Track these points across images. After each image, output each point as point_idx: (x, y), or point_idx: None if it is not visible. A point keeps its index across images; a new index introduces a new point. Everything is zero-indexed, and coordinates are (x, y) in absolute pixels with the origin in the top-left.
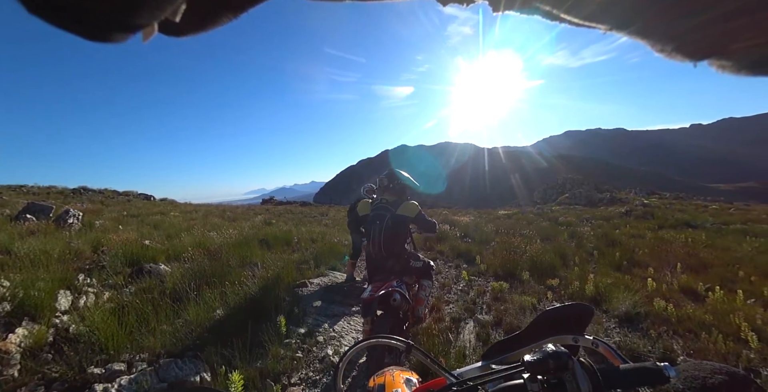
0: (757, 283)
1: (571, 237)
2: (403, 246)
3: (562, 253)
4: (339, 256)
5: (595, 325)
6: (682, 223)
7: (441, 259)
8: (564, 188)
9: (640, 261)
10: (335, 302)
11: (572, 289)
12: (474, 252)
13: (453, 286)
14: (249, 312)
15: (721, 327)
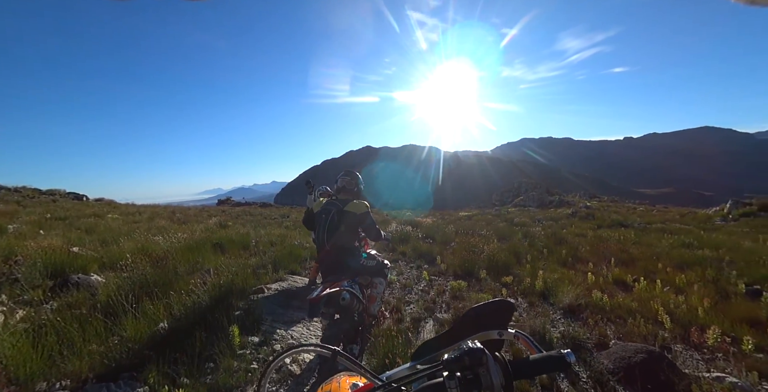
0: (671, 273)
1: (525, 236)
2: (351, 242)
3: (516, 252)
4: (300, 259)
5: (543, 317)
6: (616, 223)
7: (403, 260)
8: (519, 191)
9: (583, 257)
10: (294, 307)
11: (524, 285)
12: (435, 252)
13: (414, 286)
14: (198, 323)
15: (643, 312)
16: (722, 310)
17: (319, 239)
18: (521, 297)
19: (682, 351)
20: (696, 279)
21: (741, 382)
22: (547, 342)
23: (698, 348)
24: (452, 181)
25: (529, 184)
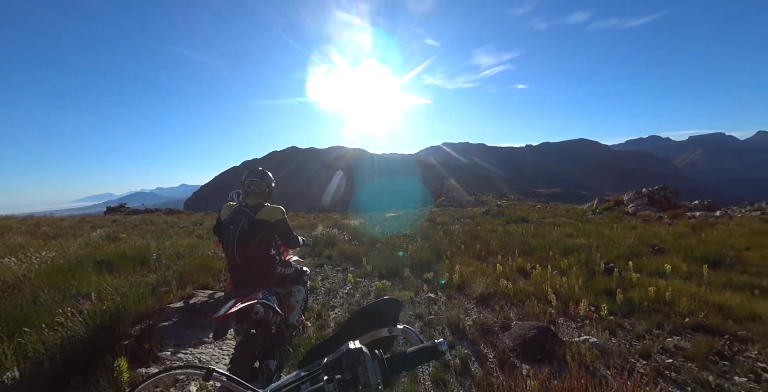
0: (558, 259)
1: (446, 234)
2: (266, 253)
3: (437, 249)
4: (214, 272)
5: (457, 308)
6: (520, 219)
7: (329, 264)
8: (441, 192)
9: (494, 250)
10: (204, 326)
11: (444, 280)
12: (361, 254)
13: (339, 290)
14: (71, 364)
15: (537, 294)
16: (590, 286)
17: (229, 251)
18: (440, 291)
19: (563, 323)
20: (574, 262)
21: (598, 341)
22: (461, 331)
23: (574, 319)
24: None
25: (450, 185)
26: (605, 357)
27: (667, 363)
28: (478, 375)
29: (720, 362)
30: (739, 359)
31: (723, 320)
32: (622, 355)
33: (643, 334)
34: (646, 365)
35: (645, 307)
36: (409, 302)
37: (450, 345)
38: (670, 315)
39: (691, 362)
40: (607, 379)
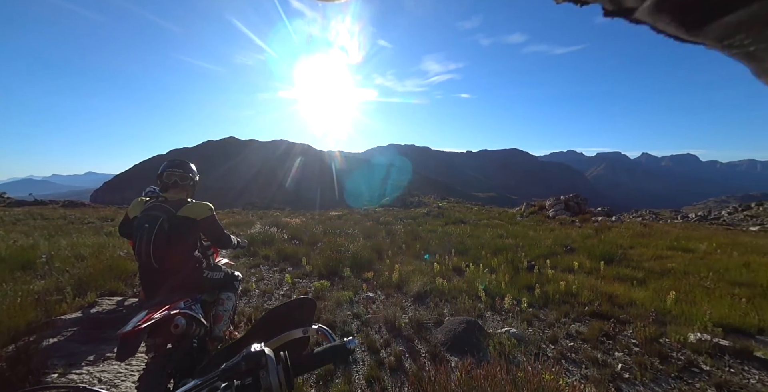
0: (490, 258)
1: (388, 234)
2: (189, 256)
3: (378, 249)
4: (125, 275)
5: (395, 306)
6: (458, 221)
7: (266, 265)
8: (386, 192)
9: (432, 250)
10: (108, 340)
11: (383, 279)
12: (301, 253)
13: (275, 292)
14: None
15: (469, 291)
16: (515, 281)
17: (143, 254)
18: (380, 290)
19: (490, 316)
20: (503, 261)
21: (517, 331)
22: (397, 328)
23: (500, 312)
24: (325, 181)
25: (394, 186)
26: (522, 345)
27: (569, 346)
28: (411, 370)
29: (606, 341)
30: (619, 337)
31: (611, 307)
32: (535, 342)
33: (554, 323)
34: (554, 349)
35: (557, 299)
36: (348, 302)
37: (385, 343)
38: (574, 305)
39: (586, 343)
40: (521, 364)
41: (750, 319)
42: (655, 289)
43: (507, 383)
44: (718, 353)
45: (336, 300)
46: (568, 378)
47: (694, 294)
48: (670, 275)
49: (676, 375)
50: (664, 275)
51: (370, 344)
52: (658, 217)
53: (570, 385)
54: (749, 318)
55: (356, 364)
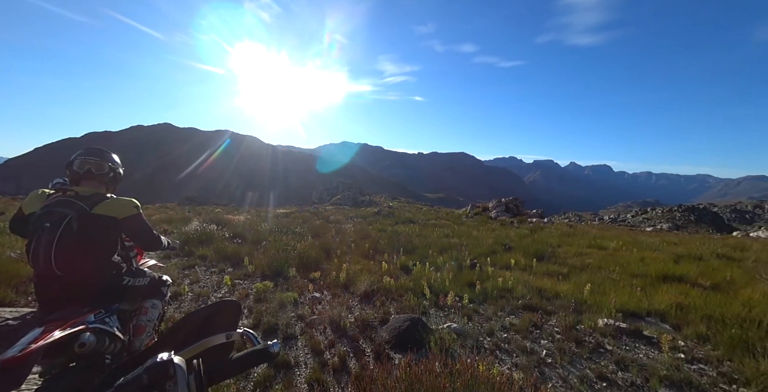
0: (436, 256)
1: (337, 233)
2: (105, 262)
3: (327, 248)
4: (17, 281)
5: (341, 306)
6: (408, 220)
7: (203, 265)
8: (337, 190)
9: (382, 249)
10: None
11: (331, 279)
12: (243, 253)
13: (212, 295)
14: None
15: (415, 289)
16: (458, 279)
17: (40, 260)
18: (326, 290)
19: (434, 313)
20: (448, 259)
21: (458, 326)
22: (342, 329)
23: (443, 309)
24: (273, 177)
25: (346, 184)
26: (462, 339)
27: (503, 337)
28: (354, 371)
29: (535, 331)
30: (545, 327)
31: (540, 300)
32: (474, 336)
33: (491, 317)
34: (490, 341)
35: (495, 295)
36: (293, 303)
37: (330, 344)
38: (510, 299)
39: (518, 334)
40: (460, 357)
41: (642, 304)
42: (575, 283)
43: (444, 376)
44: (618, 334)
45: (279, 301)
46: (501, 367)
47: (604, 285)
48: (588, 270)
49: (587, 356)
50: (583, 270)
51: (314, 346)
52: (581, 219)
53: (501, 373)
54: (642, 303)
55: (299, 367)
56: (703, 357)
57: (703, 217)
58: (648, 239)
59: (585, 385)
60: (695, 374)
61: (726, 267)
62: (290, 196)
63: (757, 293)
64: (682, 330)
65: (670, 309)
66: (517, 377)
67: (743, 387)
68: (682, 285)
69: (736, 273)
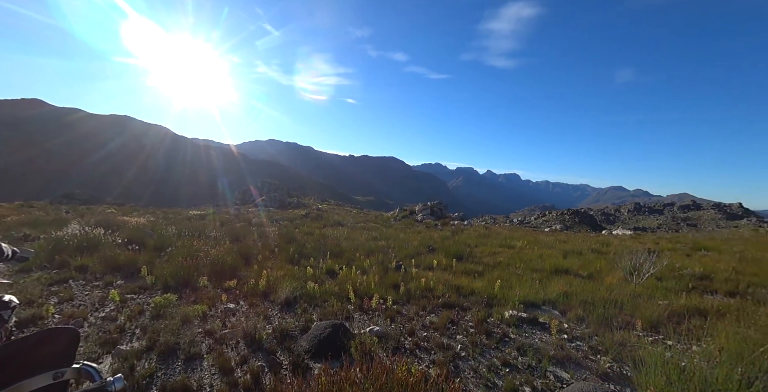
0: (363, 259)
1: (260, 237)
2: None
3: (247, 253)
4: None
5: (257, 317)
6: (337, 223)
7: (81, 279)
8: (262, 191)
9: (308, 253)
10: None
11: (248, 287)
12: (141, 262)
13: (92, 315)
14: None
15: (340, 293)
16: (384, 281)
17: None
18: (243, 299)
19: (358, 317)
20: (374, 261)
21: (380, 328)
22: (257, 342)
23: (367, 312)
24: (187, 174)
25: (272, 184)
26: (384, 342)
27: (423, 336)
28: (268, 386)
29: (452, 327)
30: (461, 323)
31: (458, 297)
32: (396, 337)
33: (413, 317)
34: (411, 340)
35: (417, 295)
36: (201, 317)
37: (242, 360)
38: (431, 298)
39: (437, 332)
40: (376, 361)
41: (539, 295)
42: (488, 279)
43: (366, 381)
44: (520, 323)
45: (184, 316)
46: (419, 365)
47: (511, 280)
48: (499, 267)
49: (495, 346)
50: (495, 267)
51: (223, 364)
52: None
53: (416, 373)
54: (539, 294)
55: (201, 391)
56: (579, 335)
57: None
58: (546, 238)
59: (492, 373)
60: (573, 350)
61: (597, 259)
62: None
63: (615, 279)
64: (567, 314)
65: (559, 297)
66: (434, 373)
67: (604, 356)
68: (568, 277)
69: (603, 264)
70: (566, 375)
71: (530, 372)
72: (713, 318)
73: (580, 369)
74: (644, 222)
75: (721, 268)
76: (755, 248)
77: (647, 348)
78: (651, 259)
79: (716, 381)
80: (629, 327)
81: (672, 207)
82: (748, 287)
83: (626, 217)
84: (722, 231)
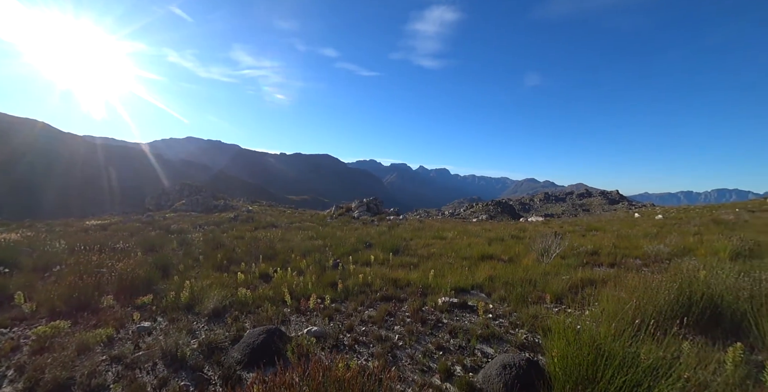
0: (299, 260)
1: (181, 245)
2: None
3: (165, 264)
4: None
5: (181, 332)
6: (270, 224)
7: None
8: (182, 194)
9: (238, 258)
10: None
11: (168, 301)
12: (15, 285)
13: None
14: None
15: (275, 297)
16: (321, 280)
17: None
18: (161, 315)
19: (295, 320)
20: (311, 262)
21: (318, 328)
22: (180, 360)
23: (305, 313)
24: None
25: (194, 187)
26: (322, 341)
27: (362, 331)
28: None
29: (390, 319)
30: (398, 314)
31: (395, 289)
32: (334, 335)
33: (352, 313)
34: (350, 337)
35: (356, 291)
36: (104, 343)
37: (161, 382)
38: (369, 293)
39: (375, 325)
40: (313, 361)
41: (468, 280)
42: (423, 270)
43: (303, 382)
44: (452, 308)
45: (80, 345)
46: (358, 359)
47: (444, 269)
48: (433, 258)
49: (430, 332)
50: (429, 258)
51: (136, 391)
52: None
53: (358, 366)
54: (468, 280)
55: None
56: (502, 313)
57: (505, 209)
58: (473, 228)
59: (427, 358)
60: (497, 327)
61: (516, 244)
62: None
63: (530, 260)
64: (492, 295)
65: (485, 281)
66: (372, 365)
67: (521, 329)
68: (493, 262)
69: (521, 248)
70: (491, 350)
71: (461, 352)
72: (600, 286)
73: (503, 343)
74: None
75: (605, 245)
76: (627, 227)
77: (553, 318)
78: (557, 241)
79: (600, 337)
80: (541, 302)
81: (572, 196)
82: (622, 258)
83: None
84: (606, 214)
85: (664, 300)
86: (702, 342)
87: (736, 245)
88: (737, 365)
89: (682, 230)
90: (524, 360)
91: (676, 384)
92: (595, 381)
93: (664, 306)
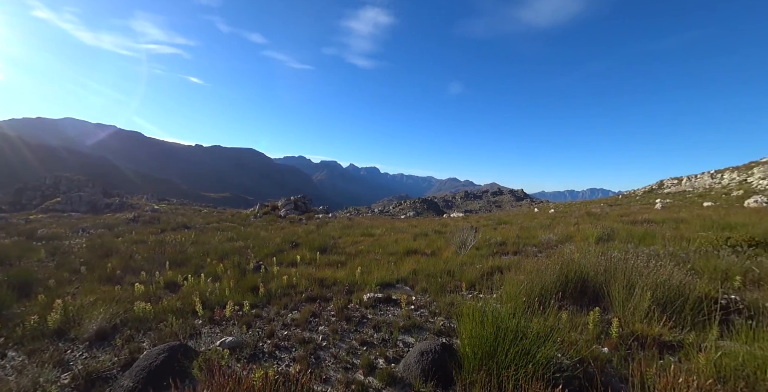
0: (215, 264)
1: (53, 255)
2: None
3: (25, 280)
4: None
5: (42, 366)
6: (181, 226)
7: None
8: (57, 190)
9: (137, 266)
10: None
11: (27, 327)
12: None
13: None
14: None
15: (183, 308)
16: (240, 285)
17: None
18: (15, 348)
19: (208, 331)
20: (230, 265)
21: (234, 338)
22: None
23: (219, 323)
24: None
25: (75, 180)
26: (238, 351)
27: (284, 335)
28: None
29: (314, 320)
30: (323, 314)
31: (321, 289)
32: (252, 343)
33: (273, 317)
34: (270, 343)
35: (279, 294)
36: None
37: None
38: (293, 295)
39: (298, 327)
40: (234, 371)
41: (394, 275)
42: (350, 267)
43: None
44: (377, 303)
45: None
46: (279, 365)
47: (371, 266)
48: (360, 255)
49: (354, 329)
50: (357, 256)
51: None
52: (359, 212)
53: (278, 372)
54: (393, 274)
55: None
56: (423, 304)
57: (431, 206)
58: (401, 224)
59: (350, 355)
60: (418, 317)
61: (438, 238)
62: None
63: (450, 253)
64: (415, 288)
65: (409, 274)
66: (293, 370)
67: (439, 316)
68: (417, 256)
69: (442, 242)
70: (412, 340)
71: (384, 345)
72: (505, 271)
73: (423, 332)
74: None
75: (511, 236)
76: (528, 220)
77: (466, 304)
78: (472, 234)
79: (502, 316)
80: (457, 290)
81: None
82: (523, 246)
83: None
84: (513, 210)
85: (549, 280)
86: (575, 310)
87: (600, 232)
88: (595, 324)
89: (567, 221)
90: (440, 345)
91: (554, 346)
92: (495, 355)
93: (549, 285)
